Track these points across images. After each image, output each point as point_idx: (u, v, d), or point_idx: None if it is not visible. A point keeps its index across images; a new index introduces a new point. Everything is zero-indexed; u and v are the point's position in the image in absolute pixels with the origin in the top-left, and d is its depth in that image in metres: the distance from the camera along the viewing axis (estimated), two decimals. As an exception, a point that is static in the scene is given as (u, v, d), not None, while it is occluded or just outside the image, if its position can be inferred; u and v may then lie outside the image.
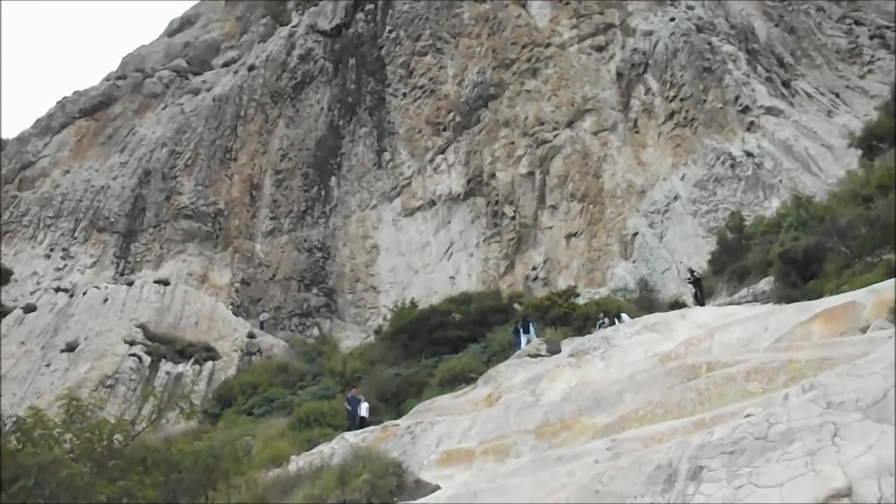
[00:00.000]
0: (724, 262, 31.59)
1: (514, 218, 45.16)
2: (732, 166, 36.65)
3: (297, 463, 18.36)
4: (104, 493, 8.86)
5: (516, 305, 35.81)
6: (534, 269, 43.32)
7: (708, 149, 37.94)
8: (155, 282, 51.84)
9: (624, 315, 25.79)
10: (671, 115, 40.53)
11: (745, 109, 37.83)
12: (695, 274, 28.20)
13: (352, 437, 18.90)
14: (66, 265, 58.57)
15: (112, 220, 60.49)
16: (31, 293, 54.61)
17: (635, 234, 38.98)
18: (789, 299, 19.79)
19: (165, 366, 43.60)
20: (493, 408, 16.76)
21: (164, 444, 11.36)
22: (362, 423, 23.38)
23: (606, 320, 26.20)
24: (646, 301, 32.98)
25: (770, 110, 37.41)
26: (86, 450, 9.76)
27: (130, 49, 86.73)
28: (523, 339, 25.90)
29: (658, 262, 37.46)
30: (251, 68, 65.58)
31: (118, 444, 10.11)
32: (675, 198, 38.27)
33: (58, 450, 9.66)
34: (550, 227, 43.31)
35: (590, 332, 23.55)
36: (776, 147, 35.89)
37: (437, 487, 13.71)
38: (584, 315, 30.25)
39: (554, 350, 21.82)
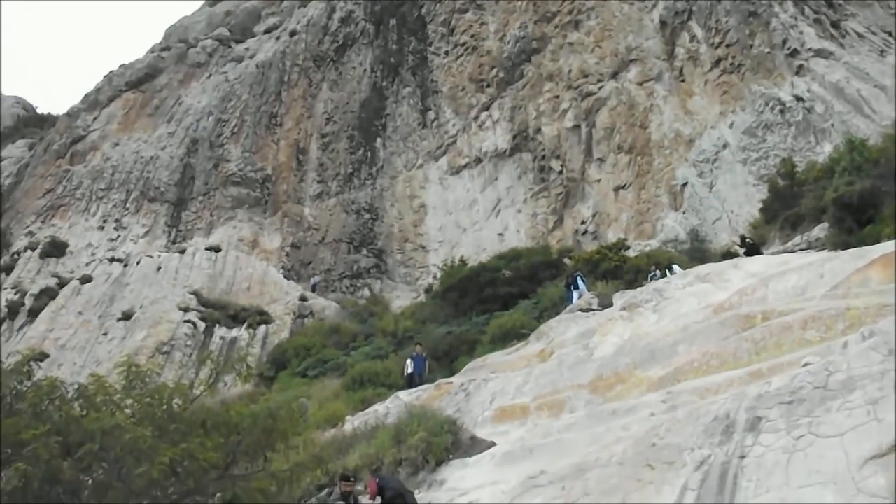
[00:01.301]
0: (777, 209, 30.92)
1: (561, 172, 44.73)
2: (782, 112, 35.76)
3: (353, 423, 18.56)
4: (167, 456, 9.02)
5: (566, 260, 35.57)
6: (583, 222, 42.95)
7: (756, 95, 37.04)
8: (206, 249, 52.50)
9: (676, 266, 25.47)
10: (717, 62, 39.59)
11: (794, 53, 36.79)
12: (747, 241, 27.55)
13: (406, 395, 19.02)
14: (119, 236, 59.55)
15: (162, 189, 61.25)
16: (87, 264, 55.70)
17: (684, 185, 38.34)
18: (845, 245, 19.32)
19: (220, 331, 44.29)
20: (546, 363, 16.71)
21: (222, 407, 11.53)
22: (418, 381, 23.47)
23: (658, 272, 25.88)
24: (697, 252, 32.51)
25: (819, 53, 36.33)
26: (146, 414, 9.93)
27: (173, 20, 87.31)
28: (574, 293, 25.73)
29: (708, 212, 36.86)
30: (293, 33, 65.54)
31: (177, 408, 10.28)
32: (724, 146, 37.50)
33: (120, 415, 9.86)
34: (598, 180, 42.83)
35: (641, 285, 23.31)
36: (827, 90, 34.91)
37: (493, 444, 13.75)
38: (635, 268, 29.94)
39: (605, 304, 21.65)
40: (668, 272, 24.75)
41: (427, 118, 54.15)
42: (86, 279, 51.85)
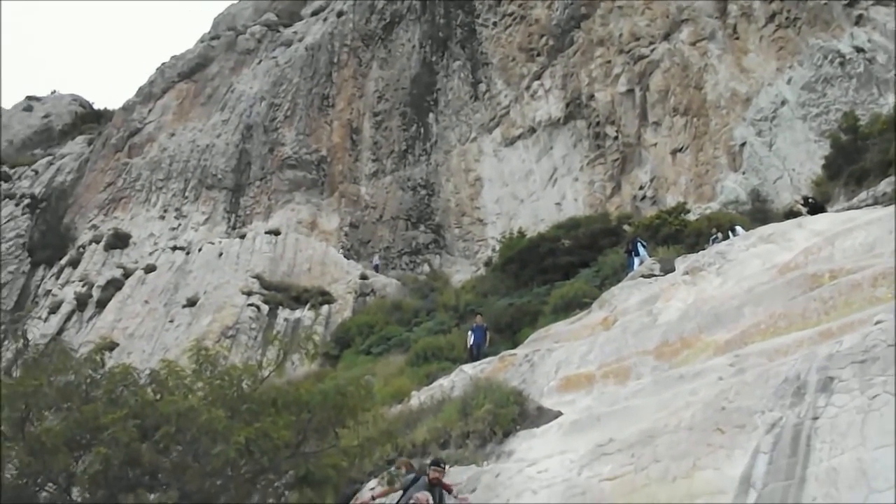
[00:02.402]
0: (840, 165, 30.16)
1: (616, 138, 44.20)
2: (842, 64, 34.80)
3: (419, 398, 18.69)
4: (242, 435, 9.23)
5: (625, 226, 35.27)
6: (641, 188, 42.44)
7: (814, 48, 36.08)
8: (266, 233, 53.17)
9: (738, 228, 25.08)
10: (772, 16, 38.62)
11: (852, 2, 35.71)
12: (810, 200, 26.87)
13: (470, 369, 19.07)
14: (179, 224, 60.57)
15: (219, 176, 62.08)
16: (150, 254, 56.84)
17: (743, 145, 37.59)
18: (914, 199, 18.83)
19: (283, 312, 44.88)
20: (610, 331, 16.62)
21: (291, 386, 11.74)
22: (476, 353, 23.50)
23: (720, 235, 25.53)
24: (759, 212, 31.94)
25: (879, 0, 35.25)
26: (218, 396, 10.18)
27: (220, 9, 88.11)
28: (635, 260, 25.52)
29: (769, 172, 36.12)
30: (340, 14, 65.63)
31: (248, 389, 10.51)
32: (783, 103, 36.65)
33: (192, 398, 10.12)
34: (655, 144, 42.23)
35: (703, 248, 23.01)
36: (888, 39, 33.84)
37: (559, 413, 13.75)
38: (696, 231, 29.58)
39: (667, 269, 21.42)
40: (730, 234, 24.39)
41: (478, 91, 53.88)
42: (150, 268, 52.95)
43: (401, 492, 10.57)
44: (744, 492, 8.08)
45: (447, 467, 12.07)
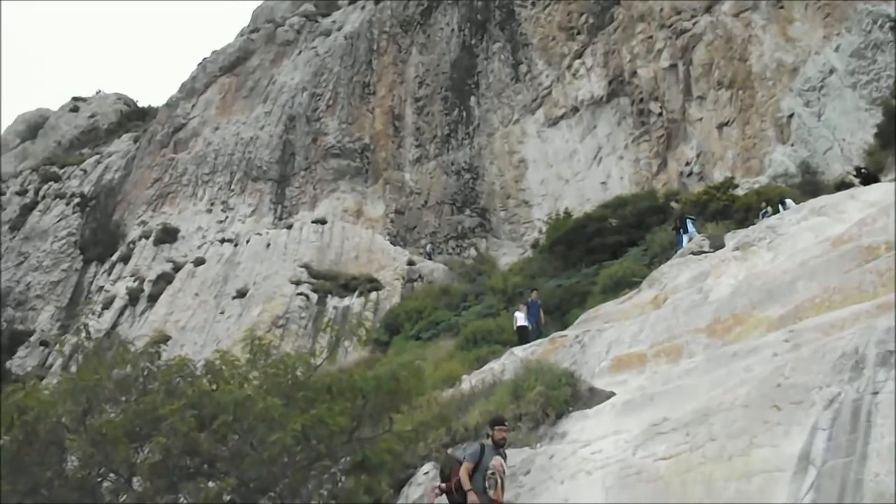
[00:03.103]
0: (893, 133, 29.49)
1: (660, 114, 43.68)
2: (893, 29, 33.95)
3: (469, 381, 18.70)
4: (298, 422, 9.35)
5: (673, 204, 34.91)
6: (687, 164, 41.92)
7: (862, 14, 35.22)
8: (313, 222, 53.65)
9: (789, 201, 24.66)
10: (818, -18, 37.89)
11: (902, -37, 34.87)
12: (863, 170, 26.23)
13: (521, 351, 19.06)
14: (227, 217, 61.35)
15: (264, 168, 62.67)
16: (199, 247, 57.72)
17: (791, 116, 36.89)
18: (971, 164, 18.35)
19: (332, 301, 45.31)
20: (661, 309, 16.48)
21: (345, 373, 11.85)
22: (531, 329, 23.45)
23: (769, 209, 25.15)
24: (809, 185, 31.37)
25: (931, -40, 34.31)
26: (273, 384, 10.32)
27: (259, 2, 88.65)
28: (684, 237, 25.25)
29: (819, 143, 35.41)
30: (377, 1, 65.65)
31: (302, 377, 10.63)
32: (831, 71, 35.87)
33: (248, 386, 10.29)
34: (700, 119, 41.64)
35: (753, 223, 22.69)
36: (941, -1, 33.02)
37: (612, 394, 13.68)
38: (745, 206, 29.16)
39: (717, 245, 21.16)
40: (780, 207, 24.01)
41: (519, 72, 53.58)
42: (199, 261, 53.77)
43: (469, 467, 10.11)
44: (803, 469, 7.99)
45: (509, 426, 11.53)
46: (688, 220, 26.16)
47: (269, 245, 52.26)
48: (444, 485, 12.66)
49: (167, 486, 9.78)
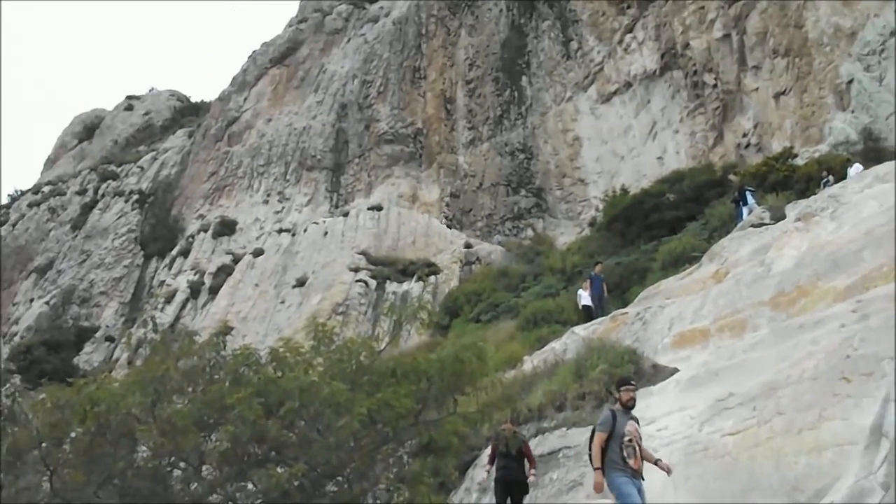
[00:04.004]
0: (957, 94, 28.66)
1: (715, 86, 42.92)
2: (955, -14, 32.93)
3: (531, 362, 18.70)
4: (364, 406, 9.44)
5: (731, 176, 34.39)
6: (744, 135, 41.16)
7: (924, -29, 34.21)
8: (368, 209, 53.98)
9: (857, 165, 24.08)
10: (876, -58, 36.77)
11: (965, -83, 33.67)
12: None
13: (582, 330, 18.97)
14: (283, 207, 61.99)
15: (318, 157, 63.15)
16: (257, 238, 58.49)
17: (850, 82, 35.92)
18: None
19: (391, 286, 45.60)
20: (723, 284, 16.24)
21: (408, 356, 11.95)
22: (596, 304, 23.30)
23: (831, 178, 24.61)
24: (872, 151, 30.54)
25: None
26: (337, 370, 10.42)
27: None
28: (744, 209, 24.84)
29: (880, 108, 34.44)
30: (424, -16, 65.55)
31: (365, 362, 10.73)
32: (892, 34, 34.84)
33: (313, 373, 10.41)
34: (756, 89, 40.82)
35: (814, 193, 22.21)
36: None
37: (675, 370, 13.58)
38: (806, 176, 28.60)
39: (778, 216, 20.75)
40: (847, 172, 23.46)
41: (570, 49, 53.07)
42: (258, 252, 54.50)
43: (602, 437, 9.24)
44: (875, 442, 7.83)
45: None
46: (747, 193, 25.72)
47: (326, 233, 52.72)
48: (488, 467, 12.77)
49: (237, 474, 9.96)
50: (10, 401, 10.24)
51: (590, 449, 9.45)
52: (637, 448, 9.23)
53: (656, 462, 9.48)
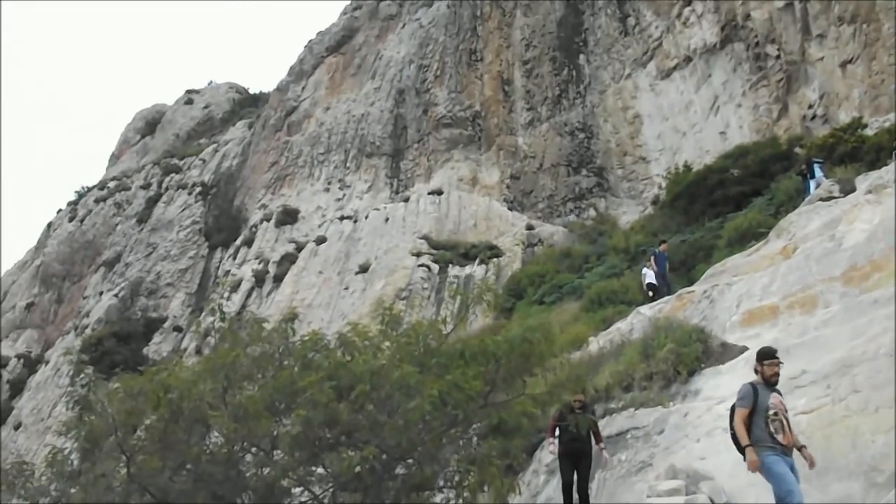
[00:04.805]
0: None
1: (778, 57, 41.95)
2: None
3: (597, 343, 18.60)
4: (435, 388, 9.50)
5: (797, 149, 33.62)
6: (810, 107, 40.19)
7: None
8: (429, 193, 54.14)
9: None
10: None
11: None
12: None
13: (647, 310, 18.80)
14: (344, 195, 62.45)
15: (377, 144, 63.41)
16: (319, 226, 59.07)
17: (922, 47, 34.90)
18: None
19: (453, 270, 45.73)
20: (792, 259, 15.93)
21: (476, 338, 11.99)
22: (660, 283, 23.08)
23: (904, 147, 23.94)
24: (948, 117, 29.70)
25: None
26: (406, 353, 10.50)
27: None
28: (811, 183, 24.28)
29: (953, 73, 33.42)
30: (478, -34, 65.20)
31: (433, 344, 10.79)
32: (965, -5, 33.75)
33: (381, 356, 10.52)
34: (821, 59, 39.79)
35: (885, 164, 21.62)
36: None
37: (745, 348, 13.38)
38: (876, 146, 27.74)
39: (847, 189, 20.24)
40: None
41: (627, 25, 52.35)
42: (320, 240, 55.09)
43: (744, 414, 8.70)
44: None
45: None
46: (815, 165, 25.12)
47: (387, 219, 53.03)
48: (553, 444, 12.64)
49: (309, 458, 10.10)
50: (86, 390, 10.52)
51: (731, 428, 8.92)
52: (785, 422, 8.61)
53: (800, 448, 8.72)
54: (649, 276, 23.73)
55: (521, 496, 11.94)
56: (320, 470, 10.47)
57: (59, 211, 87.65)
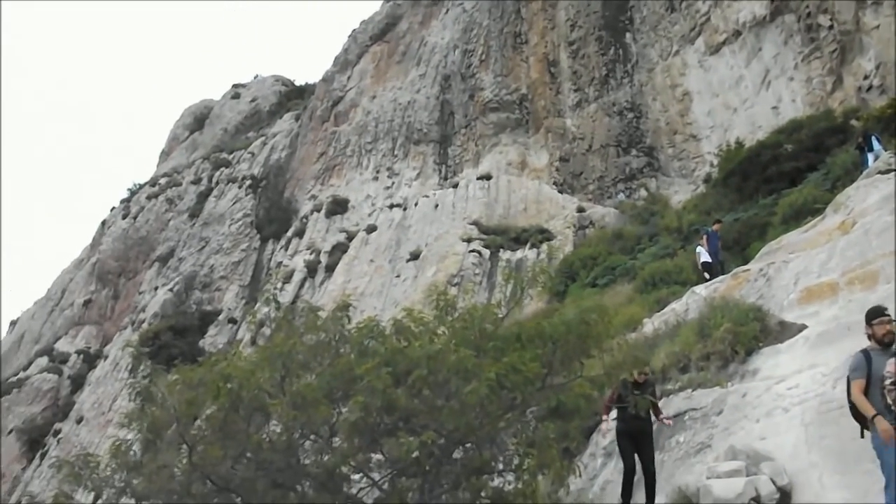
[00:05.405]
0: None
1: (831, 27, 41.00)
2: None
3: (652, 324, 18.47)
4: (492, 371, 9.52)
5: (853, 122, 32.90)
6: (865, 77, 39.24)
7: None
8: (478, 179, 54.04)
9: None
10: None
11: None
12: None
13: (702, 290, 18.60)
14: (393, 182, 62.60)
15: (424, 130, 63.40)
16: (369, 215, 59.33)
17: (984, 11, 33.86)
18: None
19: (505, 254, 45.66)
20: (850, 234, 15.62)
21: (532, 320, 11.95)
22: (709, 269, 22.84)
23: (965, 115, 23.29)
24: None
25: None
26: (461, 337, 10.54)
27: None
28: (869, 156, 23.77)
29: None
30: (520, -52, 64.70)
31: (489, 328, 10.82)
32: None
33: (437, 341, 10.56)
34: (877, 27, 38.79)
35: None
36: None
37: (804, 326, 13.18)
38: (936, 116, 27.17)
39: (907, 161, 19.81)
40: None
41: (674, 1, 51.60)
42: (371, 229, 55.35)
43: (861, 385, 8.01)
44: None
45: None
46: (872, 138, 24.57)
47: (437, 206, 53.08)
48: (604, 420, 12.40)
49: (367, 443, 10.20)
50: (147, 382, 10.74)
51: (849, 402, 8.24)
52: None
53: None
54: (703, 255, 23.50)
55: (580, 479, 11.91)
56: (379, 456, 10.57)
57: (113, 209, 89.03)
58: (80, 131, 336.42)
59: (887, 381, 7.80)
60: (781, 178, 31.42)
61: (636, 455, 11.89)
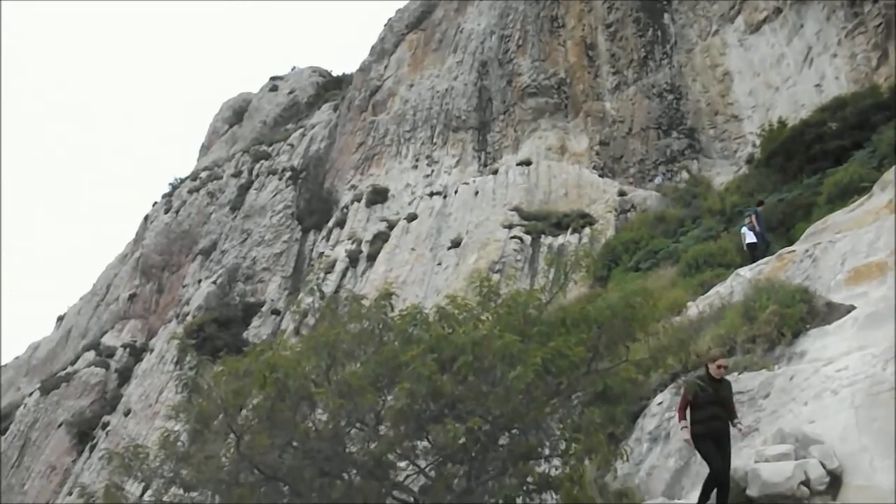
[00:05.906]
0: None
1: (876, 1, 40.24)
2: None
3: (696, 307, 18.33)
4: (538, 356, 9.53)
5: (900, 97, 32.29)
6: (912, 52, 38.50)
7: None
8: (517, 165, 53.85)
9: None
10: None
11: None
12: None
13: (747, 272, 18.42)
14: (432, 171, 62.62)
15: (463, 118, 63.27)
16: (409, 203, 59.43)
17: None
18: None
19: (546, 240, 45.50)
20: (899, 213, 15.39)
21: (577, 304, 11.92)
22: (754, 250, 22.63)
23: None
24: None
25: None
26: (505, 323, 10.56)
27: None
28: (917, 132, 23.36)
29: None
30: (555, -70, 64.13)
31: (534, 313, 10.81)
32: None
33: (482, 327, 10.59)
34: (924, -1, 38.01)
35: None
36: None
37: (852, 307, 13.00)
38: None
39: (957, 136, 19.42)
40: None
41: (714, -21, 50.90)
42: (411, 217, 55.46)
43: None
44: None
45: None
46: (920, 113, 24.14)
47: (477, 193, 53.02)
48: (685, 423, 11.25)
49: (414, 431, 10.26)
50: (194, 373, 10.90)
51: None
52: None
53: None
54: (748, 236, 23.29)
55: (626, 463, 11.88)
56: (425, 443, 10.62)
57: (155, 203, 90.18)
58: (125, 128, 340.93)
59: None
60: (826, 157, 30.92)
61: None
